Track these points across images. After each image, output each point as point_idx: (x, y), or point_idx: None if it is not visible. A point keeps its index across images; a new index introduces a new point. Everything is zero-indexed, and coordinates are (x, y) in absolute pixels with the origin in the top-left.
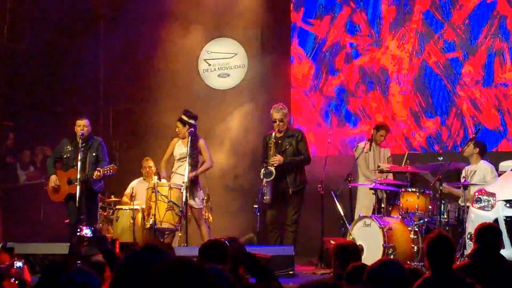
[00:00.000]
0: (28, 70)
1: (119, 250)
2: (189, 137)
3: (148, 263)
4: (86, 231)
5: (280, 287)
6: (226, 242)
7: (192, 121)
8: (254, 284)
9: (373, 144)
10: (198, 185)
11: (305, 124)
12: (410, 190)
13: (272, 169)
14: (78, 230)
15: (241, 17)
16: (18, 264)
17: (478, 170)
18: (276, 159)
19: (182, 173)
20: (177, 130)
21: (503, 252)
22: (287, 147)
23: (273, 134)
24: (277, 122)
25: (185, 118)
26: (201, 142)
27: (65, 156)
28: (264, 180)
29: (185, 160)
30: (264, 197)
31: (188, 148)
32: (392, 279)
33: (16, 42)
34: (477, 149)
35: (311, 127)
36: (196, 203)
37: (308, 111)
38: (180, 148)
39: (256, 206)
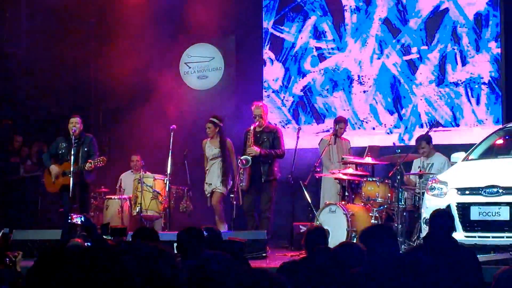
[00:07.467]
0: (25, 74)
1: (110, 234)
2: (219, 137)
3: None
4: (77, 219)
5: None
6: (204, 231)
7: (221, 123)
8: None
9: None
10: (229, 175)
11: (276, 121)
12: (371, 179)
13: (249, 157)
14: (69, 217)
15: (218, 24)
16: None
17: (436, 163)
18: (253, 150)
19: (214, 170)
20: (208, 130)
21: (455, 235)
22: (264, 140)
23: (253, 128)
24: (257, 118)
25: (215, 120)
26: (228, 141)
27: (59, 151)
28: (241, 167)
29: (217, 159)
30: (241, 184)
31: (220, 148)
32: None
33: (14, 48)
34: (431, 145)
35: (281, 124)
36: (222, 188)
37: (278, 109)
38: (211, 149)
39: (233, 195)
